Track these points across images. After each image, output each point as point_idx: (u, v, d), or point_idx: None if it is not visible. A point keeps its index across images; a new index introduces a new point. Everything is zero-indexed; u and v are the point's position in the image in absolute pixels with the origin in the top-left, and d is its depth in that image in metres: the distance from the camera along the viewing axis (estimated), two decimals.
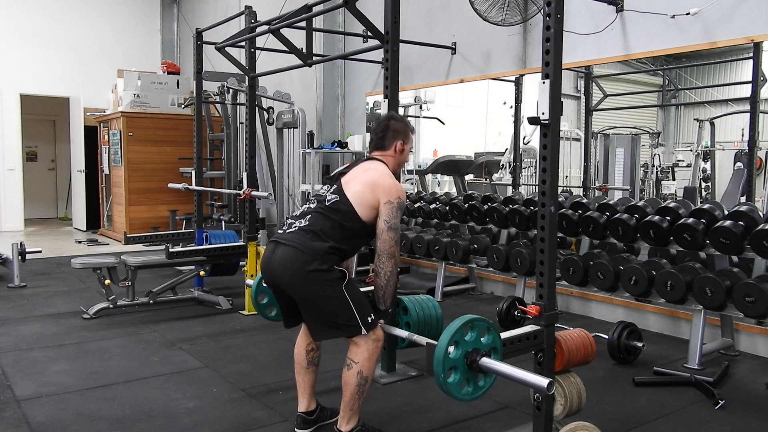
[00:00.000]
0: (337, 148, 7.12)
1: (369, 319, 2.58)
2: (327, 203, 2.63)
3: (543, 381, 2.08)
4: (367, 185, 2.63)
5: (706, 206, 3.94)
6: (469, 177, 7.54)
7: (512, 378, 2.14)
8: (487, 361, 2.16)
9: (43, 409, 3.07)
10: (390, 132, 2.83)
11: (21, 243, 6.05)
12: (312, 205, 2.69)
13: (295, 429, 2.86)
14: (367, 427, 2.69)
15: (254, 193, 4.86)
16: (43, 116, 11.94)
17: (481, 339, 2.20)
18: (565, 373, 2.50)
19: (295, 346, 2.86)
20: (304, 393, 2.84)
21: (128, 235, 5.94)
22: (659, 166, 6.08)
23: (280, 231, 2.68)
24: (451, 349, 2.12)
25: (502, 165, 6.44)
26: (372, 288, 2.77)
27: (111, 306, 4.86)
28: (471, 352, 2.16)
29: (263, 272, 2.69)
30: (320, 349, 2.85)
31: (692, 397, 3.30)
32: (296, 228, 2.60)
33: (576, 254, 4.60)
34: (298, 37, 4.18)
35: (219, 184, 8.70)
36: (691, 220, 3.84)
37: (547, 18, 2.32)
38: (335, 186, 2.68)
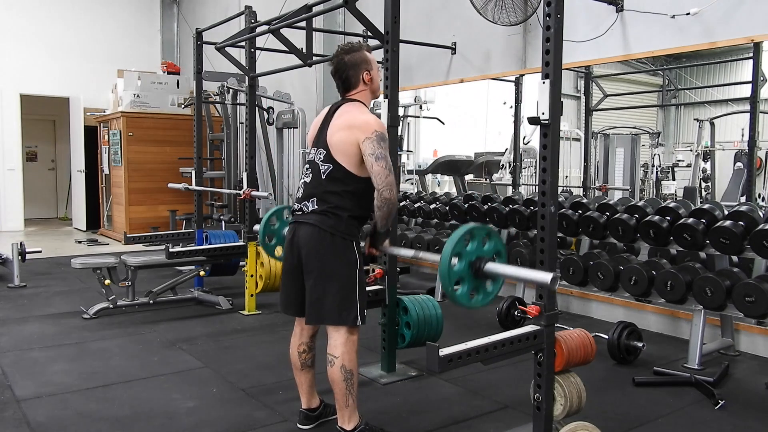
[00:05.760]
0: None
1: (365, 312, 2.64)
2: (323, 176, 2.60)
3: (546, 276, 2.13)
4: (345, 134, 2.56)
5: (706, 206, 3.94)
6: (469, 177, 7.54)
7: (517, 278, 2.27)
8: (491, 266, 2.21)
9: (43, 409, 3.07)
10: (350, 69, 2.69)
11: (21, 243, 6.05)
12: (308, 179, 2.65)
13: (298, 425, 2.87)
14: (369, 426, 2.69)
15: (254, 193, 4.86)
16: (43, 116, 11.94)
17: (484, 247, 2.24)
18: (565, 373, 2.50)
19: (290, 348, 2.86)
20: (304, 392, 2.85)
21: (128, 235, 5.93)
22: (659, 166, 6.09)
23: (296, 211, 2.68)
24: (455, 262, 2.17)
25: (502, 165, 6.44)
26: (377, 287, 2.77)
27: (111, 306, 4.86)
28: (475, 260, 2.20)
29: (286, 249, 2.74)
30: (314, 351, 2.84)
31: (692, 397, 3.30)
32: (309, 211, 2.61)
33: (576, 254, 4.59)
34: (298, 37, 4.18)
35: (219, 184, 8.69)
36: (691, 220, 3.84)
37: (547, 18, 2.33)
38: (325, 151, 2.62)
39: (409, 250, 2.74)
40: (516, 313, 4.41)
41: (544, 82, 2.32)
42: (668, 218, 3.98)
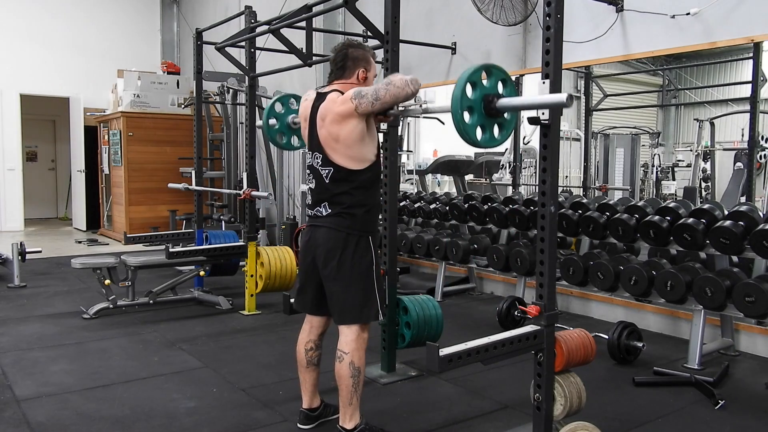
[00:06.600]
0: None
1: (384, 308, 2.70)
2: (327, 180, 2.61)
3: (561, 97, 2.13)
4: (347, 127, 2.54)
5: (706, 206, 3.94)
6: (469, 177, 7.54)
7: (530, 106, 2.30)
8: (504, 100, 2.24)
9: (43, 409, 3.07)
10: (350, 60, 2.69)
11: (21, 243, 6.05)
12: (313, 185, 2.67)
13: (298, 425, 2.87)
14: (370, 426, 2.69)
15: (254, 193, 4.86)
16: (43, 116, 11.94)
17: (499, 88, 2.28)
18: (565, 373, 2.50)
19: (297, 345, 2.86)
20: (306, 391, 2.85)
21: (128, 235, 5.94)
22: (659, 166, 6.09)
23: (310, 216, 2.71)
24: (470, 90, 2.19)
25: (502, 165, 6.44)
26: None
27: (111, 306, 4.86)
28: (489, 94, 2.23)
29: (302, 251, 2.76)
30: (320, 349, 2.85)
31: (692, 397, 3.30)
32: (325, 215, 2.63)
33: (576, 254, 4.59)
34: (298, 37, 4.18)
35: (219, 184, 8.70)
36: (691, 220, 3.84)
37: (547, 18, 2.32)
38: (321, 155, 2.62)
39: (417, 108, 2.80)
40: (516, 313, 4.41)
41: (544, 82, 2.31)
42: (668, 218, 3.98)
